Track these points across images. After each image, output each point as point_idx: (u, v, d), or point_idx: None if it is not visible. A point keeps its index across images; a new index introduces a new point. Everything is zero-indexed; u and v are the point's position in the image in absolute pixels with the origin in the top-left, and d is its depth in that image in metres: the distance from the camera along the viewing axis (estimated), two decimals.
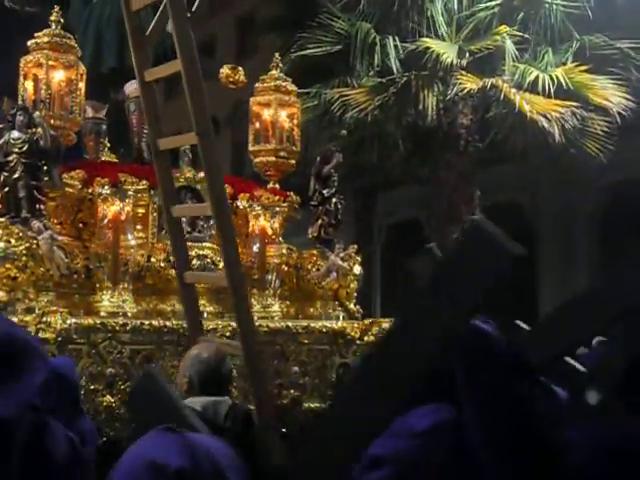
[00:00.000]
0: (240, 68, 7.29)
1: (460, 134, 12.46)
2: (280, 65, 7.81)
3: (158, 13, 4.39)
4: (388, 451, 1.91)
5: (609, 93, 11.64)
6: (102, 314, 5.58)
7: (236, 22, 26.17)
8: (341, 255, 6.93)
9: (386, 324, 6.14)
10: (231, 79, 7.21)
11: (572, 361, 2.29)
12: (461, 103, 12.29)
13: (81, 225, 6.03)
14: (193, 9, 4.46)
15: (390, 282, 19.71)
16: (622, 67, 11.89)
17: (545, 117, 11.32)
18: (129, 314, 5.68)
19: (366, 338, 6.12)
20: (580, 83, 11.72)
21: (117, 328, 5.39)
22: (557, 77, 11.55)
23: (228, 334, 5.42)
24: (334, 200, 7.16)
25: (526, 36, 12.04)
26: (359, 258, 7.18)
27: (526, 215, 17.37)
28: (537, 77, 11.60)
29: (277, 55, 7.90)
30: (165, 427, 1.66)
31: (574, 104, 11.55)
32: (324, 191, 7.12)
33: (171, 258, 5.55)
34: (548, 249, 16.66)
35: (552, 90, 11.46)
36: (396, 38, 12.26)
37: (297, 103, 7.53)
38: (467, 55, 12.08)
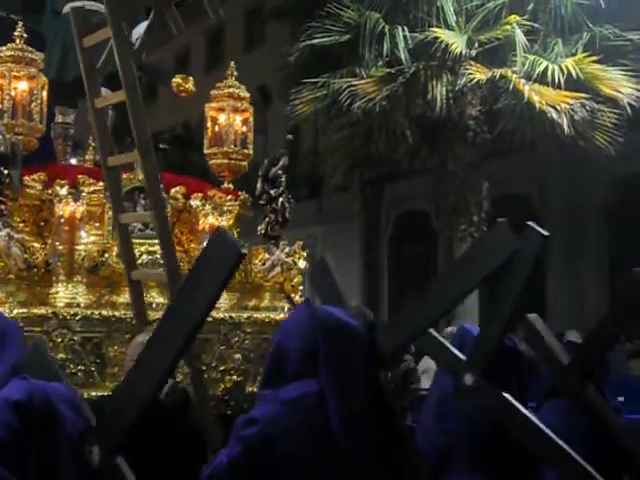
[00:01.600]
0: (191, 78, 7.75)
1: (468, 125, 12.41)
2: (235, 73, 8.18)
3: (107, 49, 5.01)
4: (260, 414, 2.56)
5: (619, 84, 11.58)
6: (58, 304, 6.06)
7: (244, 11, 26.11)
8: (286, 251, 7.38)
9: None
10: (182, 87, 7.67)
11: (453, 349, 3.00)
12: (470, 94, 12.24)
13: (42, 223, 6.50)
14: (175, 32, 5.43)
15: (397, 272, 19.70)
16: (633, 58, 11.81)
17: (554, 108, 11.27)
18: (82, 305, 6.13)
19: None
20: (590, 74, 11.67)
21: (68, 317, 5.88)
22: (567, 68, 11.50)
23: None
24: (281, 200, 7.50)
25: (536, 26, 11.98)
26: (304, 253, 7.61)
27: (534, 207, 17.32)
28: (547, 68, 11.55)
29: (232, 64, 8.32)
30: (21, 377, 2.20)
31: (584, 95, 11.50)
32: (271, 191, 7.48)
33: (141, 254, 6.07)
34: (556, 241, 16.62)
35: (562, 81, 11.41)
36: (405, 28, 12.22)
37: (250, 109, 7.98)
38: (476, 45, 12.04)
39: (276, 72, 14.65)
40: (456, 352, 3.05)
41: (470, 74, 11.57)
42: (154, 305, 6.11)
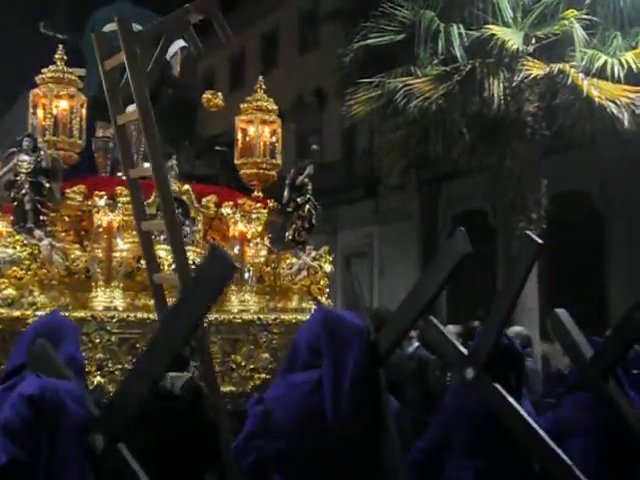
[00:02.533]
0: (219, 93, 8.30)
1: (526, 122, 12.26)
2: (263, 87, 8.54)
3: (127, 72, 5.47)
4: (267, 395, 3.01)
5: None
6: (97, 308, 6.56)
7: (298, 14, 26.22)
8: (312, 255, 7.90)
9: None
10: (211, 103, 8.21)
11: (460, 347, 3.30)
12: (527, 90, 12.09)
13: (83, 232, 7.00)
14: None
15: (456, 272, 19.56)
16: None
17: (614, 103, 11.07)
18: (119, 308, 6.58)
19: None
20: None
21: (106, 320, 6.39)
22: (627, 62, 11.28)
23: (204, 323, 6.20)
24: (307, 207, 7.93)
25: (595, 19, 11.78)
26: (330, 257, 8.18)
27: (594, 203, 17.05)
28: (606, 62, 11.34)
29: (260, 78, 8.68)
30: (35, 374, 2.56)
31: None
32: (298, 199, 7.87)
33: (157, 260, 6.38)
34: (617, 238, 16.33)
35: (621, 75, 11.20)
36: (460, 26, 12.12)
37: (277, 121, 8.39)
38: (533, 41, 11.88)
39: (331, 74, 14.68)
40: (459, 347, 3.35)
41: (527, 70, 11.43)
42: None
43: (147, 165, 6.30)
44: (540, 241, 3.13)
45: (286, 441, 2.98)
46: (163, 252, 6.63)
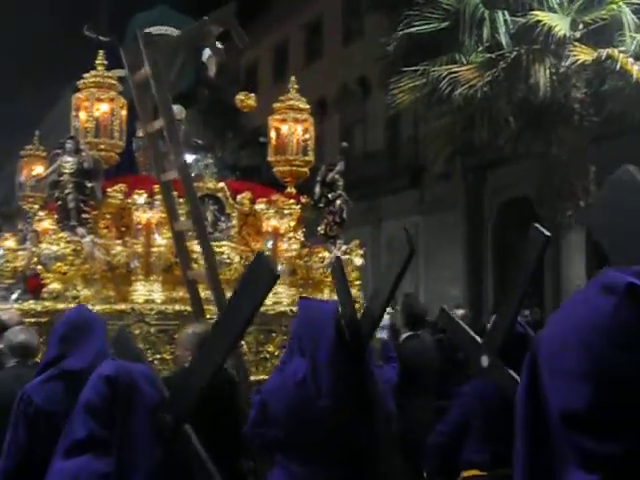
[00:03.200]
0: (252, 94, 8.51)
1: (574, 108, 12.10)
2: (296, 87, 8.73)
3: (173, 72, 6.09)
4: (264, 386, 3.67)
5: None
6: (137, 301, 6.83)
7: (342, 4, 26.13)
8: (342, 249, 8.09)
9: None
10: (244, 103, 8.42)
11: (475, 335, 3.49)
12: (574, 76, 11.92)
13: (123, 229, 7.32)
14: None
15: (502, 260, 19.39)
16: None
17: None
18: (157, 300, 6.84)
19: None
20: None
21: (145, 312, 6.62)
22: None
23: None
24: (338, 202, 8.19)
25: None
26: (361, 251, 8.22)
27: None
28: None
29: (293, 79, 8.86)
30: (112, 358, 2.86)
31: None
32: (329, 195, 8.16)
33: (194, 255, 6.72)
34: None
35: None
36: (505, 12, 12.00)
37: (310, 119, 8.63)
38: (581, 26, 11.72)
39: (375, 63, 14.63)
40: (474, 336, 3.51)
41: (574, 56, 11.26)
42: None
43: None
44: (548, 233, 3.27)
45: (282, 428, 3.49)
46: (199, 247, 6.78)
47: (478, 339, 3.45)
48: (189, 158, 7.68)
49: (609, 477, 1.01)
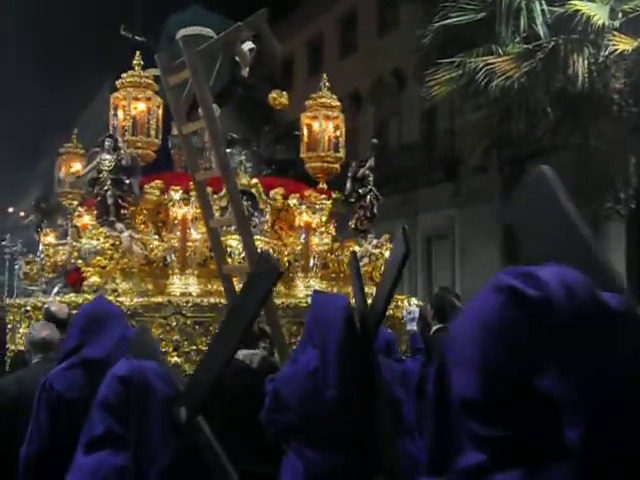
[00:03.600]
0: (285, 93, 8.65)
1: (613, 99, 11.93)
2: (327, 84, 8.88)
3: (187, 86, 6.19)
4: (278, 375, 3.94)
5: None
6: (174, 294, 7.07)
7: None
8: (374, 243, 8.30)
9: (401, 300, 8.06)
10: (277, 101, 8.59)
11: None
12: (614, 66, 11.74)
13: (160, 224, 7.59)
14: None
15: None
16: None
17: None
18: (194, 293, 7.06)
19: (390, 312, 7.19)
20: None
21: (182, 304, 6.79)
22: None
23: None
24: (369, 197, 8.35)
25: None
26: (390, 245, 8.16)
27: None
28: None
29: (324, 76, 9.02)
30: (127, 357, 2.97)
31: None
32: (360, 190, 8.32)
33: (228, 249, 6.96)
34: None
35: None
36: (543, 2, 11.88)
37: (341, 116, 8.83)
38: (620, 15, 11.54)
39: (410, 55, 14.56)
40: None
41: (614, 45, 11.10)
42: None
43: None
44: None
45: (294, 415, 3.77)
46: (234, 242, 7.13)
47: None
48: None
49: (495, 456, 1.18)
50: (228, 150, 8.39)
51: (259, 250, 7.27)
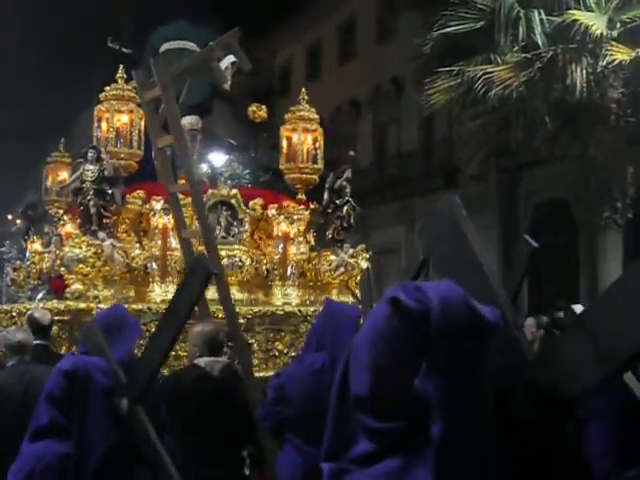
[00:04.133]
0: (264, 106, 8.90)
1: (610, 108, 11.94)
2: (305, 97, 9.09)
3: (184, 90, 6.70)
4: (284, 372, 4.41)
5: None
6: (154, 301, 7.24)
7: (376, 3, 26.07)
8: (349, 252, 8.50)
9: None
10: (256, 114, 8.81)
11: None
12: (612, 76, 11.77)
13: (142, 233, 7.76)
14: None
15: (537, 262, 19.20)
16: None
17: None
18: None
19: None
20: None
21: (160, 311, 6.65)
22: None
23: (250, 315, 7.43)
24: (345, 208, 8.52)
25: None
26: (367, 255, 8.66)
27: None
28: None
29: (303, 90, 9.28)
30: (79, 353, 3.21)
31: None
32: (337, 201, 8.50)
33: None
34: None
35: None
36: (541, 11, 11.90)
37: (319, 129, 9.00)
38: (618, 25, 11.56)
39: (409, 62, 14.58)
40: None
41: (612, 55, 11.13)
42: (234, 300, 6.95)
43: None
44: (536, 244, 3.66)
45: (296, 408, 4.14)
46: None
47: None
48: (223, 158, 7.93)
49: (383, 445, 1.39)
50: (227, 156, 8.52)
51: (237, 259, 7.73)
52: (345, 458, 1.45)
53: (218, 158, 18.06)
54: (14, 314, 7.19)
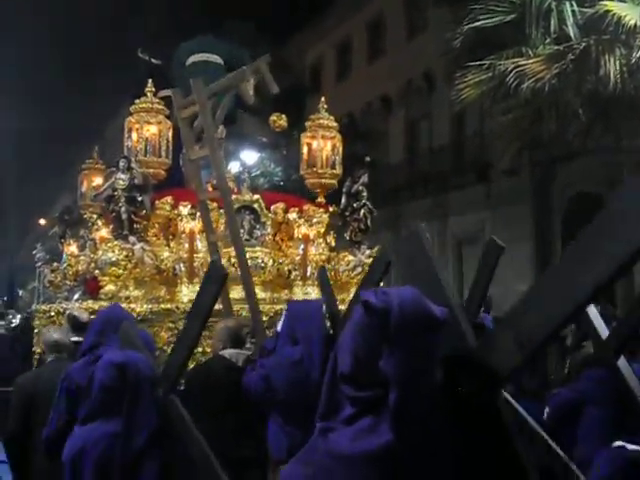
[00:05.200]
0: (284, 115, 9.35)
1: None
2: (325, 106, 9.46)
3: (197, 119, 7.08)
4: (267, 363, 4.97)
5: None
6: (182, 300, 7.65)
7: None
8: (367, 253, 8.85)
9: None
10: (276, 124, 9.31)
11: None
12: None
13: (170, 237, 8.28)
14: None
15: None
16: None
17: None
18: None
19: None
20: None
21: (188, 310, 6.85)
22: None
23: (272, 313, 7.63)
24: (362, 211, 8.93)
25: None
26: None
27: None
28: None
29: (322, 99, 9.67)
30: (119, 348, 3.63)
31: None
32: (354, 204, 8.92)
33: (232, 259, 7.56)
34: None
35: None
36: (573, 3, 11.78)
37: (338, 135, 9.42)
38: None
39: (440, 57, 14.53)
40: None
41: None
42: (258, 298, 7.26)
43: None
44: (503, 245, 4.22)
45: (281, 394, 4.79)
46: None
47: (604, 332, 4.03)
48: (254, 156, 8.37)
49: (360, 410, 1.89)
50: (259, 154, 8.88)
51: (260, 260, 8.18)
52: (334, 419, 1.93)
53: (250, 156, 18.16)
54: (52, 314, 7.63)
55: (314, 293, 8.23)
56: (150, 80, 8.74)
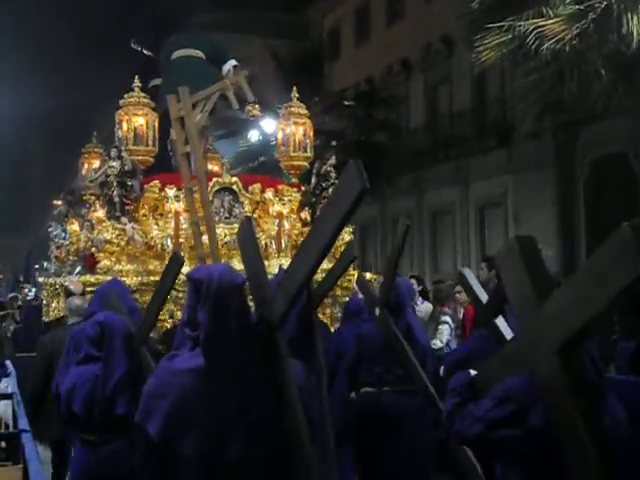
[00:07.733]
0: (257, 105, 10.19)
1: None
2: (296, 95, 10.23)
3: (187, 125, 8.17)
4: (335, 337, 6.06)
5: None
6: None
7: None
8: None
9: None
10: (251, 113, 10.23)
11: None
12: None
13: (159, 216, 9.08)
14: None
15: (596, 220, 18.90)
16: None
17: None
18: (184, 272, 7.85)
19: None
20: None
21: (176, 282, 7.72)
22: None
23: None
24: (330, 190, 9.34)
25: None
26: (350, 229, 9.48)
27: None
28: None
29: (294, 88, 10.35)
30: (103, 311, 4.55)
31: None
32: (323, 184, 9.56)
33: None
34: None
35: None
36: None
37: (308, 122, 10.30)
38: None
39: (459, 20, 14.34)
40: (480, 296, 4.84)
41: None
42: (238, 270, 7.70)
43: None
44: (408, 222, 5.10)
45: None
46: (219, 230, 8.72)
47: (483, 297, 4.72)
48: (274, 124, 8.83)
49: (194, 345, 2.81)
50: (277, 122, 9.35)
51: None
52: (182, 350, 2.88)
53: (269, 124, 18.11)
54: (57, 287, 8.78)
55: (286, 265, 8.66)
56: (137, 76, 9.65)
